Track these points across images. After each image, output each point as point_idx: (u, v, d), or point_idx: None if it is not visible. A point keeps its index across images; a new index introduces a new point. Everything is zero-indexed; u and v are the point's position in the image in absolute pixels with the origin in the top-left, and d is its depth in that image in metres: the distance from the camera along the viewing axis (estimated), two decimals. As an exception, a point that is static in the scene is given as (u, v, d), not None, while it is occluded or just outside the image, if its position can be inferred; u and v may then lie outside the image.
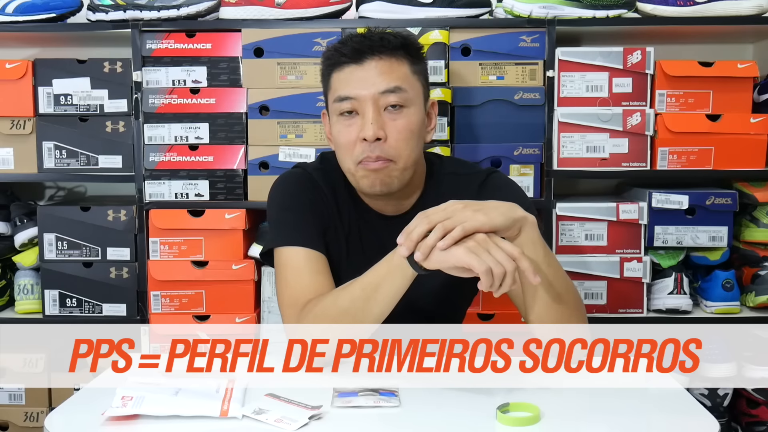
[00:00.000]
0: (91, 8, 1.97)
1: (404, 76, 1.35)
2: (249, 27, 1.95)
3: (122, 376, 1.17)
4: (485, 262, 1.08)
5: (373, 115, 1.33)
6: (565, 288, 1.27)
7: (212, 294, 1.99)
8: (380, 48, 1.34)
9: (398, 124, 1.34)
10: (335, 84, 1.38)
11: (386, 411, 1.07)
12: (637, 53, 1.94)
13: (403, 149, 1.35)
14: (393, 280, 1.18)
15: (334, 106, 1.37)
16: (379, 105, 1.34)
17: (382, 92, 1.33)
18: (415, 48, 1.40)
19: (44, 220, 2.02)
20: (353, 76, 1.35)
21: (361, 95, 1.33)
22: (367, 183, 1.36)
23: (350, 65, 1.35)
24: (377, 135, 1.32)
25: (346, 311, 1.23)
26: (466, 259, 1.08)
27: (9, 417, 2.07)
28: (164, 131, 1.98)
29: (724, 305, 1.97)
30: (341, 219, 1.44)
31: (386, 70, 1.34)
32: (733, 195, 1.98)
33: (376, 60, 1.34)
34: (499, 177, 1.47)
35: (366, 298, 1.21)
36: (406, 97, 1.35)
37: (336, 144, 1.40)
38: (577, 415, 1.08)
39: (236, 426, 1.03)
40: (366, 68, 1.34)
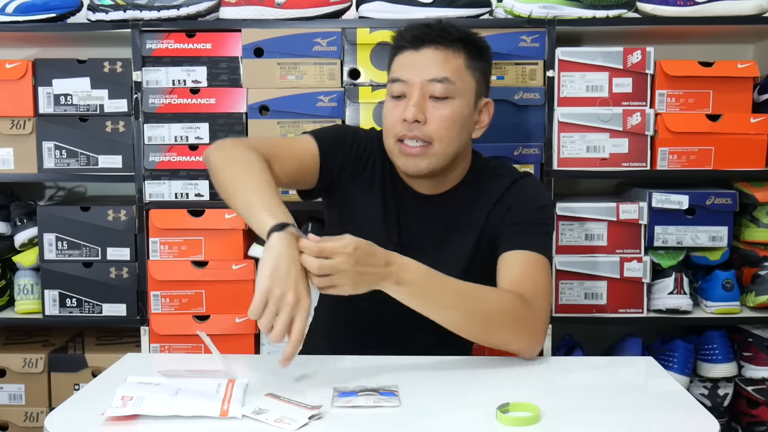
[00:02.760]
0: (91, 8, 1.97)
1: (456, 69, 1.42)
2: (249, 27, 1.95)
3: (122, 376, 1.17)
4: (262, 300, 1.14)
5: (417, 99, 1.40)
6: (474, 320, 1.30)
7: (212, 294, 1.99)
8: (438, 38, 1.42)
9: (441, 112, 1.42)
10: (394, 66, 1.46)
11: (386, 411, 1.07)
12: (637, 53, 1.94)
13: (442, 135, 1.42)
14: (255, 224, 1.24)
15: (389, 87, 1.46)
16: (425, 91, 1.41)
17: (430, 80, 1.41)
18: (476, 45, 1.47)
19: (44, 220, 2.02)
20: (408, 61, 1.43)
21: (411, 80, 1.41)
22: (402, 163, 1.45)
23: (409, 50, 1.43)
24: (416, 117, 1.40)
25: (228, 180, 1.33)
26: (261, 286, 1.15)
27: (9, 417, 2.07)
28: (164, 131, 1.98)
29: (724, 305, 1.97)
30: (379, 186, 1.51)
31: (439, 60, 1.41)
32: (733, 195, 1.98)
33: (432, 49, 1.42)
34: (530, 180, 1.54)
35: (239, 199, 1.30)
36: (453, 89, 1.42)
37: (383, 121, 1.48)
38: (577, 415, 1.08)
39: (236, 426, 1.03)
40: (421, 55, 1.42)
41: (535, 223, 1.44)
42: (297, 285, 1.15)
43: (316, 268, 1.16)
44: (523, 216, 1.44)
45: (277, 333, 1.13)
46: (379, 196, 1.50)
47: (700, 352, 2.03)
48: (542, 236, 1.44)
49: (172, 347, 1.99)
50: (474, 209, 1.49)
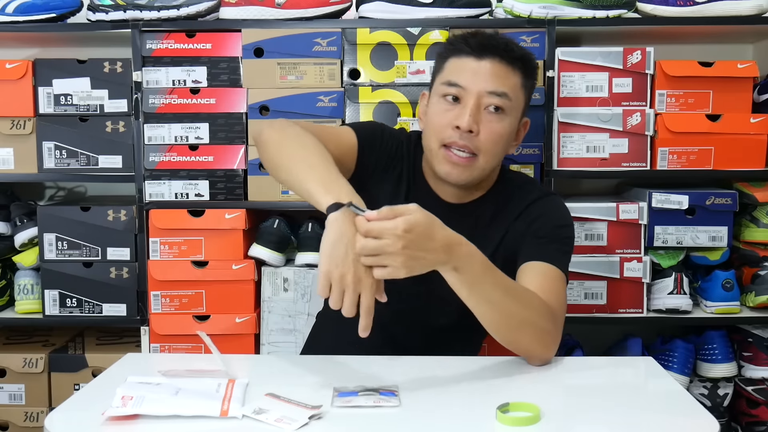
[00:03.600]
0: (91, 8, 1.97)
1: (513, 86, 1.42)
2: (249, 27, 1.95)
3: (122, 376, 1.17)
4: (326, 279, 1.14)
5: (472, 108, 1.39)
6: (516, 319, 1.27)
7: (212, 294, 1.99)
8: (502, 52, 1.41)
9: (492, 125, 1.40)
10: (449, 68, 1.44)
11: (386, 411, 1.07)
12: (637, 53, 1.94)
13: (489, 149, 1.41)
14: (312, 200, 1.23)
15: (440, 87, 1.43)
16: (482, 102, 1.40)
17: (489, 92, 1.40)
18: (531, 65, 1.47)
19: (44, 220, 2.02)
20: (468, 67, 1.41)
21: (470, 87, 1.40)
22: (443, 169, 1.43)
23: (470, 57, 1.41)
24: (471, 127, 1.38)
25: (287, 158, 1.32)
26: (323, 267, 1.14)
27: (9, 417, 2.07)
28: (164, 131, 1.98)
29: (724, 305, 1.97)
30: (405, 188, 1.50)
31: (500, 74, 1.41)
32: (733, 195, 1.98)
33: (495, 61, 1.40)
34: (553, 199, 1.52)
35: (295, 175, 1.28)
36: (508, 105, 1.41)
37: (428, 122, 1.46)
38: (577, 415, 1.08)
39: (236, 426, 1.03)
40: (482, 65, 1.40)
41: (557, 240, 1.43)
42: (355, 265, 1.13)
43: (358, 249, 1.13)
44: (546, 231, 1.43)
45: (347, 310, 1.13)
46: (404, 198, 1.48)
47: (700, 352, 2.03)
48: (563, 254, 1.43)
49: (172, 347, 1.99)
50: (495, 222, 1.48)
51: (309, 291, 1.99)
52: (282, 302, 1.99)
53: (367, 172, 1.48)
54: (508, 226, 1.47)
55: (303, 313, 1.99)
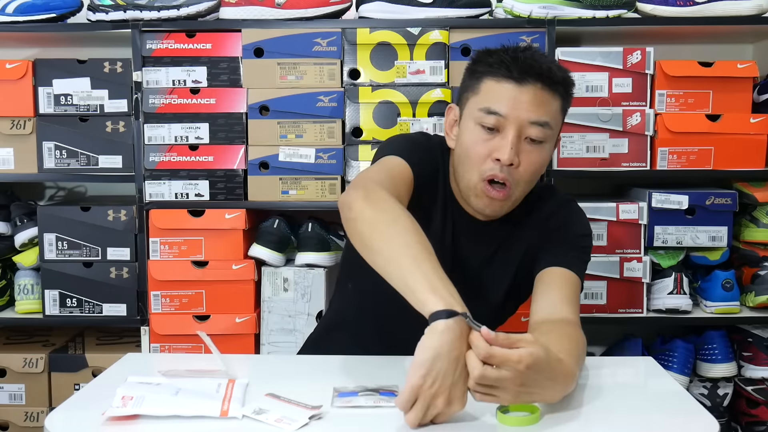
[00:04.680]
0: (91, 8, 1.97)
1: (554, 113, 1.34)
2: (249, 27, 1.95)
3: (122, 376, 1.17)
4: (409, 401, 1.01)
5: (513, 140, 1.30)
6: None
7: (212, 294, 1.99)
8: (545, 78, 1.32)
9: (532, 156, 1.33)
10: (487, 92, 1.34)
11: (386, 411, 1.07)
12: (637, 53, 1.94)
13: (526, 180, 1.35)
14: (411, 298, 1.09)
15: (477, 114, 1.33)
16: (522, 132, 1.31)
17: (532, 122, 1.31)
18: (570, 86, 1.39)
19: (44, 220, 2.02)
20: (509, 94, 1.31)
21: (512, 116, 1.30)
22: (481, 203, 1.36)
23: (510, 82, 1.31)
24: (512, 161, 1.30)
25: (374, 240, 1.18)
26: (411, 382, 1.01)
27: (9, 417, 2.07)
28: (164, 131, 1.98)
29: (724, 305, 1.97)
30: (440, 200, 1.43)
31: (543, 102, 1.32)
32: (732, 195, 1.98)
33: (537, 88, 1.31)
34: (574, 206, 1.49)
35: (391, 266, 1.14)
36: (549, 133, 1.34)
37: (464, 151, 1.36)
38: (577, 415, 1.08)
39: (236, 426, 1.03)
40: (524, 92, 1.31)
41: (578, 248, 1.41)
42: (452, 389, 1.01)
43: (477, 377, 1.00)
44: (566, 237, 1.41)
45: (420, 426, 1.02)
46: (440, 209, 1.44)
47: (700, 352, 2.03)
48: (582, 263, 1.41)
49: (172, 347, 1.99)
50: (520, 232, 1.46)
51: (309, 291, 1.99)
52: (282, 302, 1.99)
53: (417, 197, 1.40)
54: (531, 234, 1.44)
55: (303, 313, 1.99)
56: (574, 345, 1.21)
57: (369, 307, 1.48)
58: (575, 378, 1.16)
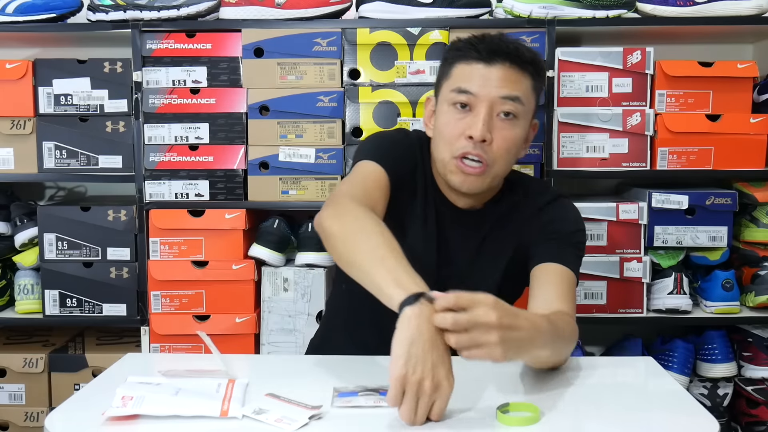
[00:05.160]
0: (91, 8, 1.97)
1: (525, 90, 1.38)
2: (249, 27, 1.95)
3: (122, 376, 1.17)
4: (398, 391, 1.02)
5: (485, 116, 1.35)
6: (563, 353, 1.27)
7: (212, 294, 1.99)
8: (513, 56, 1.37)
9: (505, 133, 1.37)
10: (457, 74, 1.39)
11: (386, 411, 1.07)
12: (637, 53, 1.94)
13: (501, 157, 1.38)
14: (381, 293, 1.13)
15: (449, 95, 1.39)
16: (493, 109, 1.36)
17: (502, 97, 1.36)
18: (540, 67, 1.43)
19: (44, 220, 2.02)
20: (478, 73, 1.36)
21: (481, 93, 1.36)
22: (457, 180, 1.39)
23: (479, 62, 1.37)
24: (484, 137, 1.34)
25: (348, 247, 1.22)
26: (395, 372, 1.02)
27: (9, 417, 2.07)
28: (164, 131, 1.98)
29: (724, 305, 1.97)
30: (421, 194, 1.46)
31: (512, 79, 1.36)
32: (732, 195, 1.98)
33: (505, 66, 1.36)
34: (565, 201, 1.50)
35: (360, 267, 1.19)
36: (520, 109, 1.37)
37: (439, 132, 1.41)
38: (577, 415, 1.08)
39: (236, 426, 1.03)
40: (493, 70, 1.36)
41: (572, 244, 1.43)
42: (435, 370, 1.02)
43: (451, 323, 1.01)
44: (560, 234, 1.43)
45: (419, 420, 1.01)
46: (420, 203, 1.46)
47: (700, 352, 2.03)
48: (577, 258, 1.43)
49: (172, 347, 1.99)
50: (509, 226, 1.48)
51: (309, 291, 1.99)
52: (282, 302, 1.99)
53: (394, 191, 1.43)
54: (522, 230, 1.46)
55: (303, 313, 1.99)
56: (564, 319, 1.25)
57: (363, 304, 1.48)
58: (562, 338, 1.21)
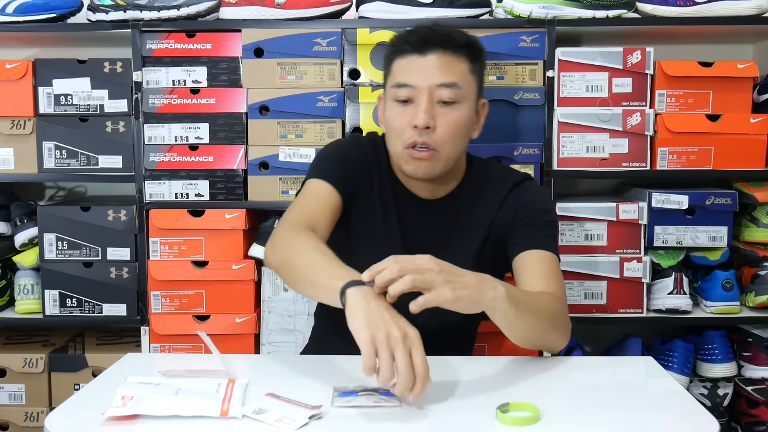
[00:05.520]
0: (91, 8, 1.97)
1: (461, 74, 1.42)
2: (249, 27, 1.95)
3: (122, 376, 1.17)
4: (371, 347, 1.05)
5: (426, 105, 1.40)
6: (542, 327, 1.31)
7: (212, 294, 1.99)
8: (444, 43, 1.41)
9: (448, 117, 1.42)
10: (396, 70, 1.45)
11: (386, 411, 1.07)
12: (637, 53, 1.94)
13: (448, 141, 1.43)
14: (327, 293, 1.18)
15: (391, 91, 1.45)
16: (433, 96, 1.41)
17: (439, 85, 1.40)
18: (476, 48, 1.47)
19: (44, 220, 2.02)
20: (414, 65, 1.42)
21: (419, 84, 1.41)
22: (411, 168, 1.44)
23: (413, 54, 1.42)
24: (427, 124, 1.39)
25: (293, 269, 1.30)
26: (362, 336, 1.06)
27: (9, 417, 2.07)
28: (164, 131, 1.98)
29: (724, 305, 1.97)
30: (381, 194, 1.51)
31: (446, 65, 1.41)
32: (733, 195, 1.98)
33: (438, 53, 1.41)
34: (531, 183, 1.56)
35: (306, 280, 1.26)
36: (459, 93, 1.42)
37: (388, 127, 1.47)
38: (577, 415, 1.08)
39: (236, 426, 1.03)
40: (427, 59, 1.41)
41: (545, 226, 1.47)
42: (396, 321, 1.07)
43: (398, 270, 1.08)
44: (533, 218, 1.47)
45: (405, 376, 1.03)
46: (378, 202, 1.50)
47: (700, 352, 2.03)
48: (553, 238, 1.48)
49: (172, 347, 1.99)
50: (477, 211, 1.51)
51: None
52: (282, 302, 1.99)
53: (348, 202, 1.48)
54: (494, 215, 1.50)
55: (303, 313, 1.99)
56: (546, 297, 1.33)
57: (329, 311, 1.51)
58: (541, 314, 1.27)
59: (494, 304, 1.17)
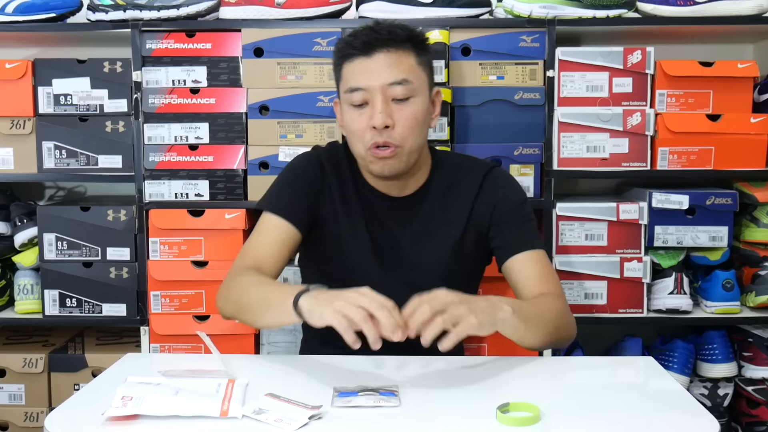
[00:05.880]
0: (91, 8, 1.97)
1: (410, 68, 1.44)
2: (249, 27, 1.95)
3: (122, 376, 1.17)
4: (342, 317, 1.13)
5: (381, 105, 1.41)
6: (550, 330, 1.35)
7: (212, 294, 1.97)
8: (388, 41, 1.43)
9: (405, 113, 1.43)
10: (346, 75, 1.46)
11: (386, 411, 1.07)
12: (637, 53, 1.94)
13: (408, 136, 1.44)
14: (281, 313, 1.25)
15: (345, 96, 1.46)
16: (387, 95, 1.42)
17: (390, 84, 1.42)
18: (420, 40, 1.48)
19: (44, 220, 2.01)
20: (363, 68, 1.43)
21: (371, 86, 1.42)
22: (376, 167, 1.46)
23: (360, 57, 1.43)
24: (386, 123, 1.41)
25: (244, 306, 1.36)
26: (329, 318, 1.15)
27: (9, 417, 2.07)
28: (164, 131, 1.98)
29: (724, 305, 1.97)
30: (343, 197, 1.52)
31: (394, 63, 1.42)
32: (733, 195, 1.98)
33: (384, 53, 1.43)
34: (501, 171, 1.59)
35: (258, 310, 1.33)
36: (412, 88, 1.43)
37: (348, 131, 1.49)
38: (577, 415, 1.08)
39: (236, 426, 1.03)
40: (375, 60, 1.43)
41: (524, 220, 1.51)
42: (348, 291, 1.16)
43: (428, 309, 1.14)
44: (511, 214, 1.50)
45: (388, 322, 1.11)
46: (341, 209, 1.51)
47: (700, 352, 2.03)
48: (534, 231, 1.51)
49: (172, 347, 1.99)
50: (451, 203, 1.53)
51: (309, 291, 1.98)
52: (282, 302, 1.99)
53: (309, 224, 1.51)
54: (471, 207, 1.52)
55: (303, 313, 1.98)
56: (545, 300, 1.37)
57: None
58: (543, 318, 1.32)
59: (504, 324, 1.23)
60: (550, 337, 1.34)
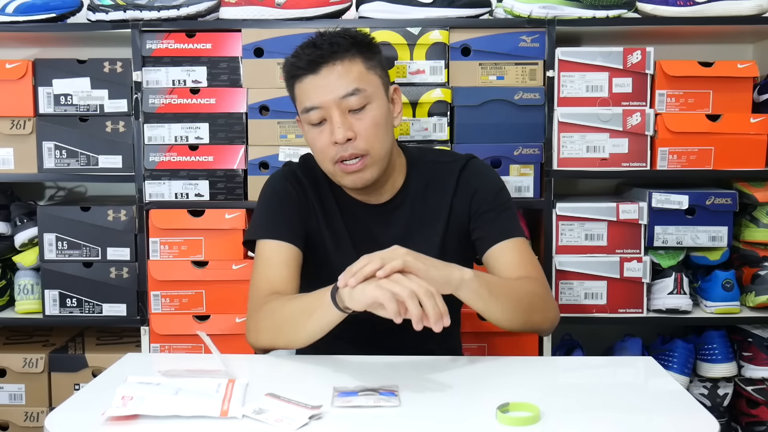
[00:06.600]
0: (91, 8, 1.97)
1: (360, 75, 1.42)
2: (249, 27, 1.95)
3: (122, 376, 1.17)
4: (387, 290, 1.14)
5: (339, 119, 1.39)
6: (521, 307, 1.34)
7: (212, 294, 1.99)
8: (332, 54, 1.40)
9: (365, 122, 1.42)
10: (299, 95, 1.45)
11: (386, 411, 1.07)
12: (637, 53, 1.94)
13: (373, 142, 1.42)
14: (323, 312, 1.24)
15: (303, 116, 1.45)
16: (343, 108, 1.40)
17: (343, 96, 1.40)
18: (365, 44, 1.46)
19: (44, 220, 2.02)
20: (313, 86, 1.41)
21: (324, 103, 1.40)
22: (348, 181, 1.45)
23: (308, 76, 1.41)
24: (347, 136, 1.40)
25: (282, 326, 1.33)
26: (373, 293, 1.15)
27: (9, 417, 2.07)
28: (164, 131, 1.98)
29: (724, 305, 1.97)
30: (324, 212, 1.51)
31: (342, 74, 1.40)
32: (733, 195, 1.98)
33: (330, 66, 1.40)
34: (478, 162, 1.57)
35: (299, 321, 1.30)
36: (366, 95, 1.41)
37: (313, 150, 1.48)
38: (577, 415, 1.08)
39: (236, 426, 1.03)
40: (322, 76, 1.40)
41: (502, 209, 1.49)
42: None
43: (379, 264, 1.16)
44: (489, 204, 1.49)
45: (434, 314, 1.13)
46: (324, 224, 1.51)
47: (700, 352, 2.03)
48: (512, 219, 1.49)
49: (172, 347, 1.99)
50: (431, 201, 1.52)
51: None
52: (282, 302, 1.99)
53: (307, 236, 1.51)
54: (450, 203, 1.51)
55: (303, 313, 1.98)
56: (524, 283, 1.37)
57: None
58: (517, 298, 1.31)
59: (464, 286, 1.23)
60: (523, 314, 1.32)
